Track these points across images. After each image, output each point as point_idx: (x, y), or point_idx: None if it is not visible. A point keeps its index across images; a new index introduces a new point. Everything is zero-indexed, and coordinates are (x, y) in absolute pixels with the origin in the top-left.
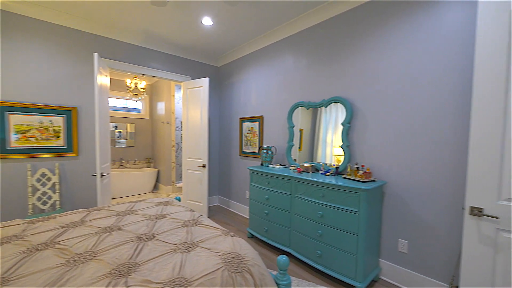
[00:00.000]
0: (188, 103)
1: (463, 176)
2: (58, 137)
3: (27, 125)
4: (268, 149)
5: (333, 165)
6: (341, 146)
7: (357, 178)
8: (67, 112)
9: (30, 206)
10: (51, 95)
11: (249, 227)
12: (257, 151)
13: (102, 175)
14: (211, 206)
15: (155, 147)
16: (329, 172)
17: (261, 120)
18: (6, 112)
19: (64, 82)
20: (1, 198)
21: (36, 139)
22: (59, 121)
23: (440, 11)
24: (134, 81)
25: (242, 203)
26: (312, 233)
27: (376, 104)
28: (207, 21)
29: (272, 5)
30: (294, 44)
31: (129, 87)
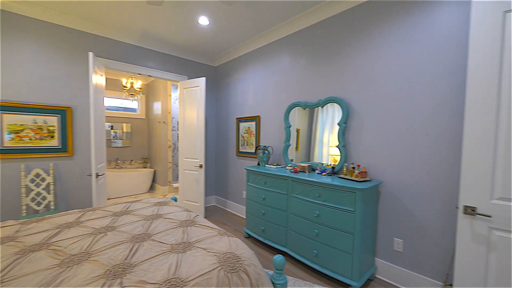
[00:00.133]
0: (184, 103)
1: (458, 176)
2: (53, 137)
3: (21, 125)
4: (265, 149)
5: (329, 165)
6: (337, 146)
7: (353, 178)
8: (61, 112)
9: (24, 207)
10: (45, 94)
11: (246, 227)
12: (254, 151)
13: (97, 175)
14: (208, 206)
15: (151, 147)
16: (325, 172)
17: (258, 120)
18: None
19: (59, 82)
20: None
21: (30, 139)
22: (53, 120)
23: (436, 11)
24: (130, 80)
25: (239, 203)
26: (309, 232)
27: (372, 104)
28: (203, 20)
29: (268, 5)
30: (290, 44)
31: (125, 86)
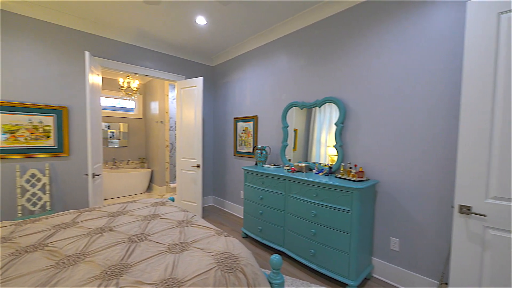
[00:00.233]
0: (182, 103)
1: (453, 176)
2: (48, 137)
3: (16, 125)
4: (262, 149)
5: (327, 164)
6: (334, 146)
7: (350, 178)
8: (57, 112)
9: (19, 207)
10: (41, 94)
11: (243, 227)
12: (252, 151)
13: (94, 175)
14: (206, 207)
15: (148, 147)
16: (322, 172)
17: (255, 120)
18: None
19: (55, 81)
20: None
21: (25, 139)
22: (49, 120)
23: (432, 11)
24: (127, 80)
25: (237, 203)
26: (306, 232)
27: (369, 104)
28: (201, 20)
29: (265, 5)
30: (288, 44)
31: (122, 86)
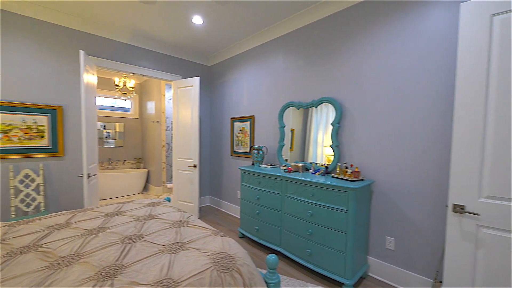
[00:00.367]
0: (178, 103)
1: (448, 176)
2: (43, 137)
3: (9, 125)
4: (259, 149)
5: (323, 164)
6: (331, 146)
7: (346, 177)
8: (51, 111)
9: (13, 208)
10: (35, 93)
11: (240, 227)
12: (248, 151)
13: (89, 176)
14: (202, 207)
15: (145, 147)
16: (319, 172)
17: (252, 120)
18: None
19: (49, 80)
20: None
21: (19, 139)
22: (43, 120)
23: (428, 11)
24: (122, 79)
25: (234, 203)
26: (303, 232)
27: (365, 105)
28: (197, 19)
29: (262, 5)
30: (285, 44)
31: (118, 86)
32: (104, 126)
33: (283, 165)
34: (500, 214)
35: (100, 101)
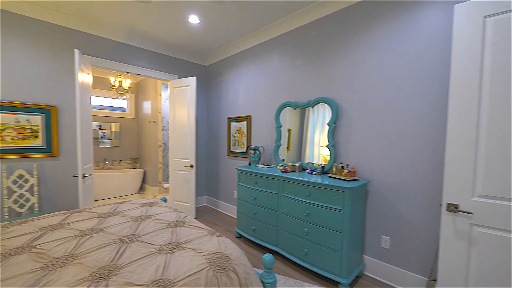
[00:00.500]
0: (175, 102)
1: (442, 176)
2: (36, 136)
3: (2, 124)
4: (256, 149)
5: (320, 164)
6: (327, 146)
7: (342, 177)
8: (46, 111)
9: (6, 209)
10: (29, 93)
11: (237, 227)
12: (245, 151)
13: (84, 176)
14: (199, 207)
15: (141, 147)
16: (315, 171)
17: (249, 120)
18: None
19: (43, 80)
20: None
21: (12, 139)
22: (37, 120)
23: (426, 12)
24: (118, 79)
25: (230, 203)
26: (299, 231)
27: (361, 105)
28: (193, 19)
29: (259, 5)
30: (281, 44)
31: (113, 85)
32: (100, 126)
33: (279, 165)
34: (492, 213)
35: (96, 100)
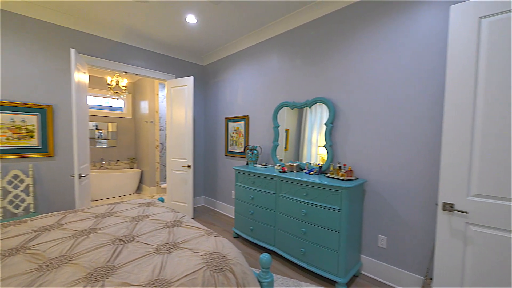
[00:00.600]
0: (172, 102)
1: (438, 176)
2: (32, 136)
3: None
4: (253, 148)
5: (317, 164)
6: (324, 146)
7: (339, 177)
8: (41, 111)
9: (1, 210)
10: (24, 92)
11: (234, 227)
12: (243, 150)
13: (80, 176)
14: (197, 207)
15: (138, 147)
16: (312, 171)
17: (246, 119)
18: None
19: (39, 79)
20: None
21: (7, 139)
22: (32, 119)
23: (423, 13)
24: (115, 78)
25: (228, 203)
26: (296, 231)
27: (358, 105)
28: (191, 19)
29: (257, 4)
30: (279, 44)
31: (110, 85)
32: (96, 125)
33: (277, 164)
34: (487, 212)
35: (92, 100)
